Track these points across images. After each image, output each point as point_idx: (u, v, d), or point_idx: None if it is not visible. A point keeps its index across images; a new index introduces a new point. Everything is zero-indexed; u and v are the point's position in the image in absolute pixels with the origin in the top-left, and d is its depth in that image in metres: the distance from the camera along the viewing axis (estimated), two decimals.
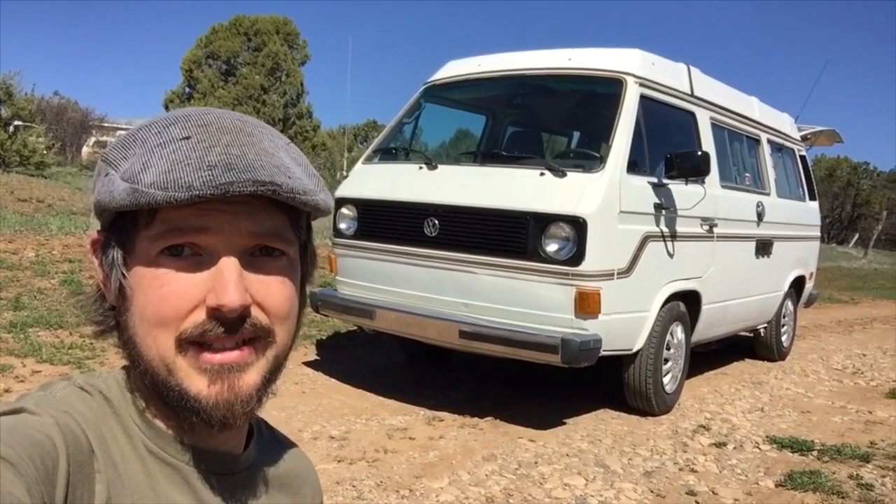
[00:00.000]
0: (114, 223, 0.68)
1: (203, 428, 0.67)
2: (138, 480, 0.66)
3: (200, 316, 0.65)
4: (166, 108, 30.39)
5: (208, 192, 0.61)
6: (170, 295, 0.65)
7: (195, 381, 0.65)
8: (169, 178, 0.61)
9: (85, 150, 30.36)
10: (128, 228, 0.67)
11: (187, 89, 31.18)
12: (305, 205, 0.68)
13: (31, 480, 0.55)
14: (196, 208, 0.63)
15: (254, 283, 0.66)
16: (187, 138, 0.64)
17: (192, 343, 0.65)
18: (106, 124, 33.48)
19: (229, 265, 0.65)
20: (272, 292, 0.68)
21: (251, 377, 0.67)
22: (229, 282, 0.64)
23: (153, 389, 0.68)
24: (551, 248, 4.14)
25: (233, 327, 0.65)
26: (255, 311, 0.66)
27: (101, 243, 0.70)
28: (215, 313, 0.64)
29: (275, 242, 0.68)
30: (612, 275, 4.21)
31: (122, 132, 0.70)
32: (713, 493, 3.64)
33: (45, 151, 17.15)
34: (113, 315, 0.71)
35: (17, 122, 16.98)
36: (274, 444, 0.85)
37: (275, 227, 0.68)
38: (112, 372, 0.73)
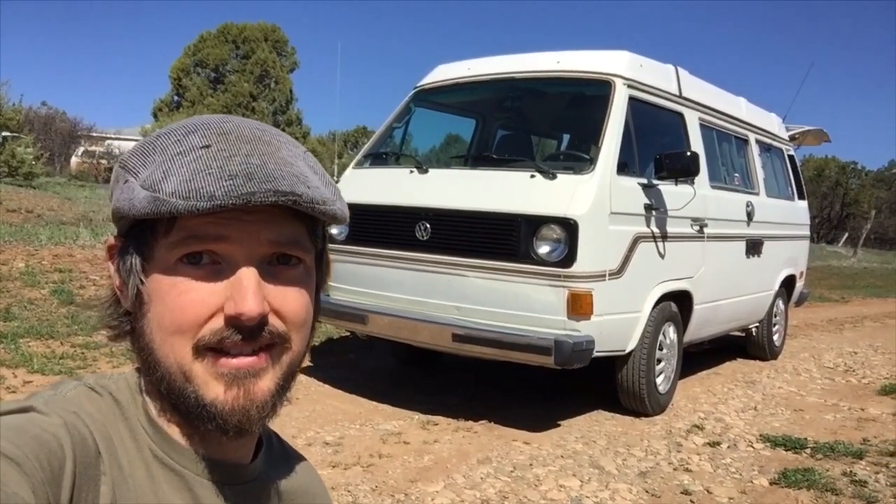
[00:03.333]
0: (131, 229, 0.68)
1: (217, 435, 0.67)
2: (141, 483, 0.66)
3: (218, 323, 0.65)
4: (155, 116, 30.35)
5: (230, 202, 0.61)
6: (188, 303, 0.65)
7: (212, 387, 0.66)
8: (190, 188, 0.62)
9: (74, 160, 30.29)
10: (146, 236, 0.67)
11: (176, 97, 31.16)
12: (324, 214, 0.68)
13: (37, 481, 0.55)
14: (216, 216, 0.64)
15: (271, 292, 0.67)
16: (207, 147, 0.65)
17: (210, 349, 0.66)
18: (94, 134, 33.41)
19: (248, 274, 0.65)
20: (289, 301, 0.68)
21: (266, 383, 0.68)
22: (248, 290, 0.64)
23: (168, 396, 0.68)
24: (543, 249, 4.15)
25: (251, 335, 0.66)
26: (273, 319, 0.67)
27: (117, 249, 0.71)
28: (234, 321, 0.65)
29: (293, 250, 0.69)
30: (604, 276, 4.22)
31: (140, 139, 0.71)
32: (708, 492, 3.65)
33: (33, 162, 17.09)
34: (128, 320, 0.71)
35: (5, 133, 16.92)
36: (283, 457, 0.85)
37: (294, 236, 0.69)
38: (124, 374, 0.73)
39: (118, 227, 0.71)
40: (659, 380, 4.87)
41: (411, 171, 4.84)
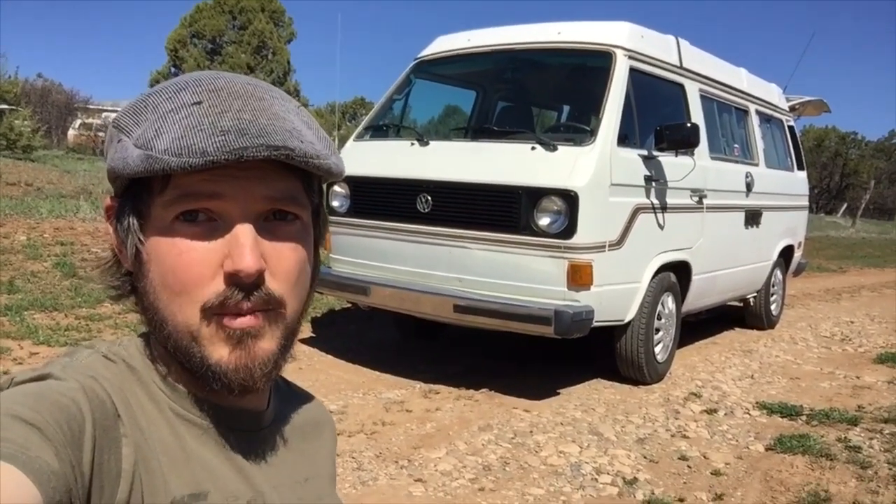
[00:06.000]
0: (128, 189, 0.68)
1: (224, 392, 0.69)
2: (167, 442, 0.67)
3: (220, 285, 0.65)
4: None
5: (222, 157, 0.61)
6: (189, 262, 0.65)
7: (217, 348, 0.67)
8: (182, 144, 0.62)
9: (71, 132, 30.13)
10: (142, 195, 0.67)
11: (173, 69, 30.90)
12: (318, 168, 0.68)
13: (59, 444, 0.55)
14: (210, 174, 0.64)
15: (267, 249, 0.67)
16: (199, 103, 0.64)
17: (216, 313, 0.66)
18: (91, 106, 33.23)
19: (245, 231, 0.65)
20: (284, 258, 0.68)
21: (266, 343, 0.68)
22: (245, 247, 0.65)
23: (175, 354, 0.69)
24: (543, 221, 4.18)
25: (250, 290, 0.66)
26: (268, 279, 0.67)
27: (115, 209, 0.71)
28: (233, 278, 0.65)
29: (289, 206, 0.69)
30: (604, 247, 4.26)
31: (133, 98, 0.70)
32: (704, 457, 3.73)
33: (31, 134, 17.02)
34: (129, 280, 0.72)
35: (2, 106, 16.83)
36: (291, 396, 0.87)
37: (289, 191, 0.68)
38: (133, 339, 0.74)
39: (114, 188, 0.71)
40: (657, 349, 4.94)
41: (412, 144, 4.85)
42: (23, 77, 23.37)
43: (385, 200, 4.77)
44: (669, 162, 4.79)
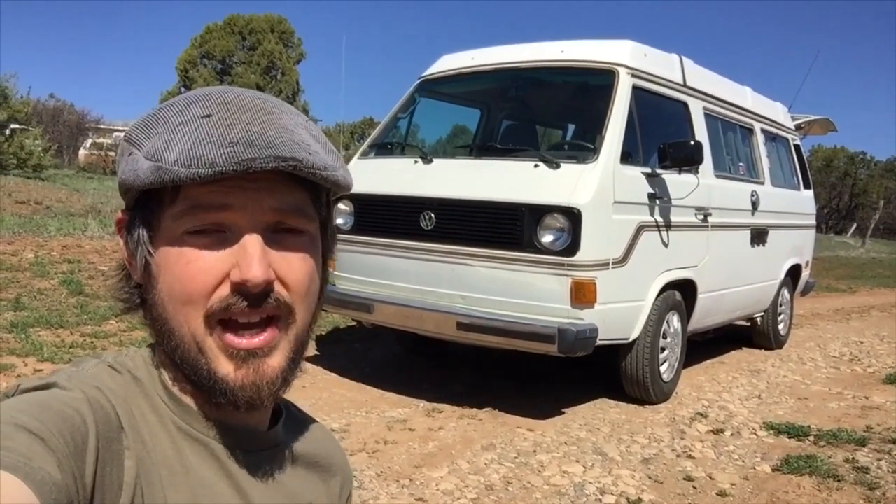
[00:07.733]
0: (138, 202, 0.69)
1: (229, 408, 0.69)
2: (167, 456, 0.67)
3: (225, 290, 0.66)
4: None
5: (231, 168, 0.62)
6: (196, 271, 0.66)
7: (223, 363, 0.67)
8: (192, 156, 0.62)
9: (82, 152, 30.40)
10: (152, 207, 0.68)
11: (183, 89, 31.20)
12: (326, 180, 0.68)
13: (62, 455, 0.55)
14: (219, 185, 0.64)
15: (276, 259, 0.67)
16: (208, 116, 0.65)
17: (220, 322, 0.66)
18: (102, 126, 33.52)
19: (253, 241, 0.66)
20: (293, 268, 0.69)
21: (275, 360, 0.68)
22: (253, 257, 0.65)
23: (182, 366, 0.69)
24: (546, 238, 4.17)
25: (256, 301, 0.66)
26: (278, 287, 0.67)
27: (125, 222, 0.71)
28: (240, 288, 0.65)
29: (296, 218, 0.69)
30: (608, 265, 4.24)
31: (144, 113, 0.71)
32: (710, 478, 3.68)
33: (42, 154, 17.20)
34: (138, 292, 0.72)
35: (13, 125, 17.02)
36: (301, 424, 0.86)
37: (296, 203, 0.69)
38: (140, 350, 0.74)
39: (125, 201, 0.71)
40: (663, 368, 4.89)
41: (416, 161, 4.87)
42: (35, 97, 23.66)
43: (388, 218, 4.77)
44: (673, 180, 4.78)
